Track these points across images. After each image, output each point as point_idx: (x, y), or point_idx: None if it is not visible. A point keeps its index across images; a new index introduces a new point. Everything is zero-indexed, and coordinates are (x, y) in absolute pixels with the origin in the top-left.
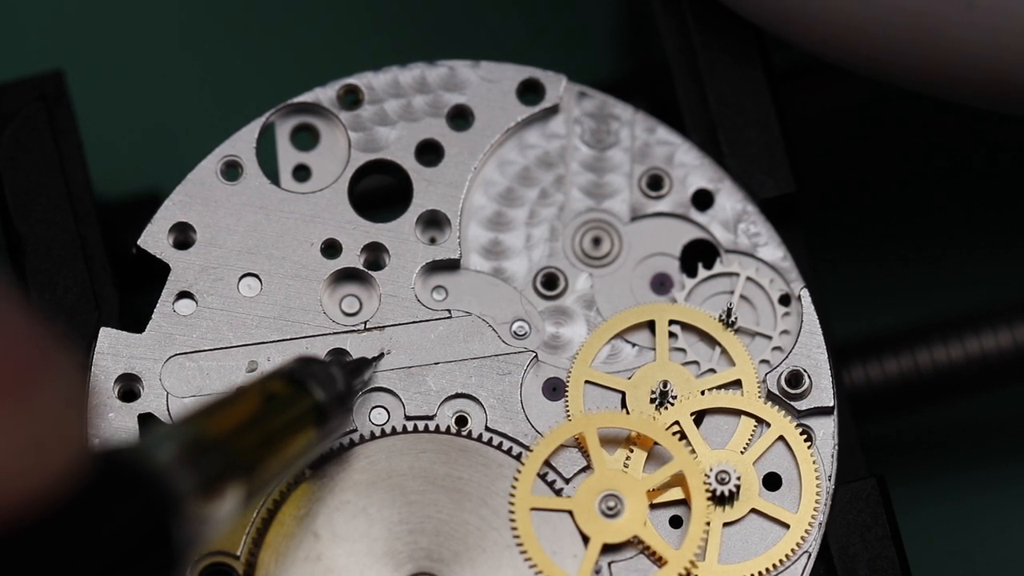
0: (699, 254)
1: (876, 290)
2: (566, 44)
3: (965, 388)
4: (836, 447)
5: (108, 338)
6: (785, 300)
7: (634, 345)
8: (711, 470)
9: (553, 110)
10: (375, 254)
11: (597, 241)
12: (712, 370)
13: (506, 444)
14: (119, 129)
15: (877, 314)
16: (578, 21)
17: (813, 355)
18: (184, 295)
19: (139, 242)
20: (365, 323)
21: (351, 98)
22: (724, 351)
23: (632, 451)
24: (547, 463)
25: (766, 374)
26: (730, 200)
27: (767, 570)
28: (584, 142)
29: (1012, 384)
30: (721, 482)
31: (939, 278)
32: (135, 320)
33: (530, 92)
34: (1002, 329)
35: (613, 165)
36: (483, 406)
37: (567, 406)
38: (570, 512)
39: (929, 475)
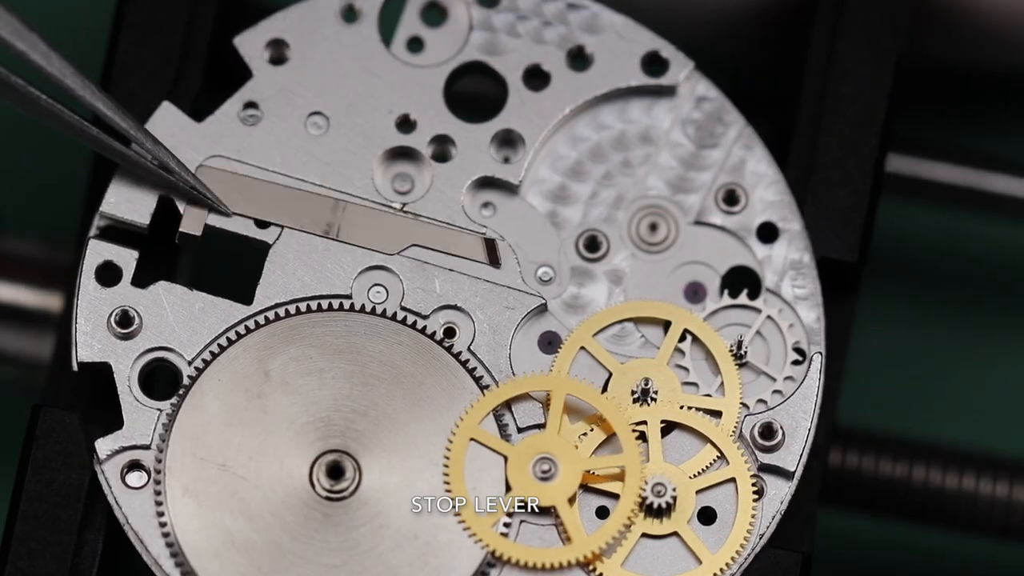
0: (739, 280)
1: (918, 395)
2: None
3: (940, 518)
4: (782, 512)
5: (166, 114)
6: (800, 351)
7: (643, 336)
8: (651, 478)
9: (668, 90)
10: (443, 147)
11: (654, 227)
12: (708, 395)
13: (480, 371)
14: None
15: (906, 417)
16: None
17: (797, 418)
18: (252, 105)
19: (235, 40)
20: (403, 205)
21: None
22: (723, 381)
23: (592, 431)
24: (508, 405)
25: (745, 416)
26: (792, 245)
27: None
28: (686, 135)
29: (986, 537)
30: (656, 494)
31: (981, 412)
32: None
33: (655, 64)
34: (1002, 481)
35: (702, 165)
36: (475, 328)
37: (554, 362)
38: (505, 458)
39: None
